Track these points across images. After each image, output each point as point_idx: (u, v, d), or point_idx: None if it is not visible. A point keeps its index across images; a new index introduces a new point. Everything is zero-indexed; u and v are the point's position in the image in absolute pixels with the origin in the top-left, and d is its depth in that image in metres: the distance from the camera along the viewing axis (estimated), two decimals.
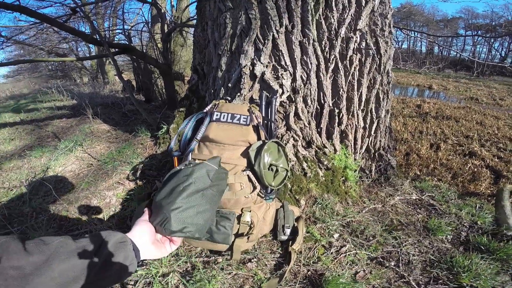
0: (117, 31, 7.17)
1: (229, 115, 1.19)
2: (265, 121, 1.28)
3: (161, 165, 1.89)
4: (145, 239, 0.68)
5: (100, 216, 1.53)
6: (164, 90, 3.92)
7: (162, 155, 1.99)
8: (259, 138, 1.22)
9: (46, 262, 0.48)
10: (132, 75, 5.92)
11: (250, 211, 1.14)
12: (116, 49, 2.82)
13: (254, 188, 1.14)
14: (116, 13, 7.33)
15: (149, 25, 4.81)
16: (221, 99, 1.37)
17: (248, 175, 1.12)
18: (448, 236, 1.52)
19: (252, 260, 1.26)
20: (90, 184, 1.76)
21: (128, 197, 1.64)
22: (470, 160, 3.71)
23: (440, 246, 1.42)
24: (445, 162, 3.59)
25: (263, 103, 1.33)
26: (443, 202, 1.92)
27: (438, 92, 9.31)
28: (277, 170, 1.16)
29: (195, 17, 4.41)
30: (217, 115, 1.19)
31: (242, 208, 1.13)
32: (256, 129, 1.22)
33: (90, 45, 9.87)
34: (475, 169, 3.45)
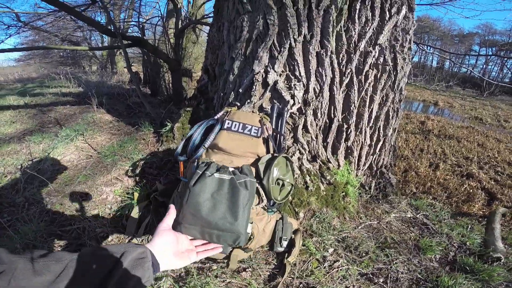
0: (131, 23, 7.16)
1: (241, 125, 1.16)
2: (274, 133, 1.27)
3: (162, 164, 1.86)
4: (168, 251, 0.66)
5: (95, 212, 1.50)
6: (170, 85, 3.92)
7: (163, 153, 1.97)
8: (267, 151, 1.20)
9: (53, 283, 0.47)
10: (140, 67, 5.91)
11: (252, 223, 1.13)
12: (129, 42, 2.82)
13: (261, 201, 1.14)
14: (133, 4, 7.32)
15: (164, 19, 4.79)
16: (231, 105, 1.36)
17: (256, 188, 1.11)
18: (437, 255, 1.55)
19: (247, 270, 1.26)
20: (88, 177, 1.73)
21: (126, 194, 1.62)
22: (467, 181, 3.72)
23: (428, 265, 1.45)
24: (442, 182, 3.60)
25: (274, 114, 1.31)
26: (436, 222, 1.95)
27: (443, 109, 9.28)
28: (283, 184, 1.16)
29: (210, 15, 4.43)
30: (228, 123, 1.17)
31: None
32: (265, 141, 1.20)
33: (104, 36, 9.87)
34: (471, 190, 3.46)
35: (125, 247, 0.58)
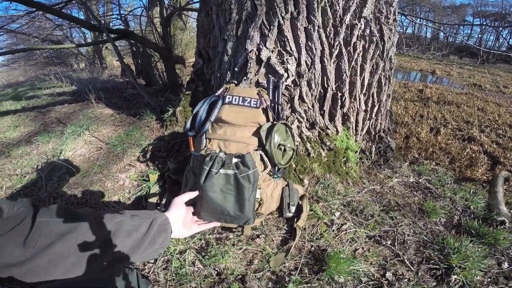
0: (112, 16, 7.01)
1: (240, 98, 1.24)
2: (272, 104, 1.34)
3: (169, 146, 1.93)
4: (179, 221, 0.77)
5: (116, 198, 1.58)
6: (164, 73, 3.92)
7: (169, 137, 2.03)
8: (267, 120, 1.28)
9: (111, 235, 0.59)
10: (130, 59, 5.85)
11: (260, 188, 1.21)
12: (116, 35, 2.81)
13: (265, 167, 1.21)
14: None
15: (147, 9, 4.72)
16: (229, 83, 1.41)
17: (261, 154, 1.19)
18: (442, 219, 1.58)
19: (260, 236, 1.33)
20: (102, 167, 1.80)
21: (141, 178, 1.70)
22: (468, 145, 3.71)
23: (434, 228, 1.49)
24: (444, 147, 3.61)
25: (270, 87, 1.37)
26: (439, 186, 1.97)
27: (441, 77, 9.19)
28: (285, 150, 1.23)
29: (195, 0, 4.34)
30: (229, 98, 1.25)
31: None
32: (265, 111, 1.28)
33: (86, 32, 9.67)
34: (473, 155, 3.45)
35: (154, 214, 0.70)
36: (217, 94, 1.30)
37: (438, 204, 1.69)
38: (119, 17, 5.74)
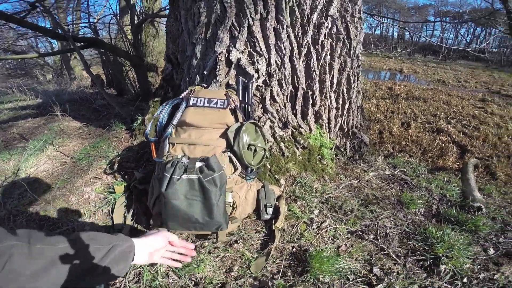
0: (81, 25, 6.75)
1: (206, 99, 1.21)
2: (243, 104, 1.32)
3: (138, 156, 1.86)
4: (146, 250, 0.73)
5: (81, 212, 1.49)
6: (136, 82, 3.81)
7: (139, 146, 1.96)
8: (237, 120, 1.25)
9: (45, 269, 0.51)
10: (101, 69, 5.66)
11: (232, 192, 1.17)
12: (82, 43, 2.69)
13: (236, 168, 1.17)
14: (80, 6, 6.89)
15: (118, 17, 4.61)
16: (197, 86, 1.38)
17: (229, 156, 1.15)
18: (421, 209, 1.62)
19: (238, 241, 1.29)
20: (66, 182, 1.69)
21: (108, 190, 1.61)
22: (438, 136, 3.95)
23: (414, 219, 1.51)
24: (415, 139, 3.82)
25: (240, 87, 1.36)
26: (414, 177, 2.03)
27: (408, 75, 9.73)
28: (255, 150, 1.21)
29: (167, 7, 4.29)
30: (193, 100, 1.21)
31: None
32: (233, 112, 1.25)
33: (53, 41, 9.23)
34: (443, 145, 3.68)
35: (116, 240, 0.64)
36: (181, 96, 1.27)
37: (415, 195, 1.73)
38: (88, 26, 5.55)
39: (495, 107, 5.43)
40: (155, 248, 0.75)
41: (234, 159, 1.16)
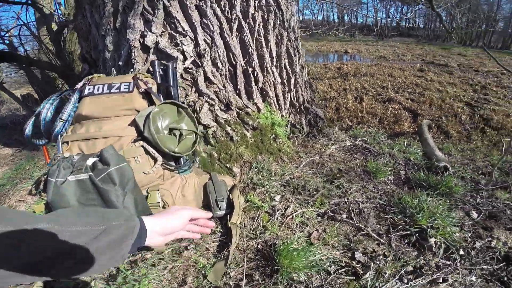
0: None
1: (105, 85, 1.02)
2: (162, 87, 1.14)
3: None
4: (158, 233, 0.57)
5: None
6: None
7: None
8: (152, 104, 1.04)
9: None
10: (31, 88, 4.94)
11: (159, 190, 0.91)
12: None
13: (155, 160, 0.92)
14: None
15: (33, 27, 4.17)
16: (97, 75, 1.16)
17: (143, 146, 0.90)
18: (389, 177, 1.53)
19: (188, 248, 1.06)
20: None
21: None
22: (389, 105, 4.18)
23: (385, 189, 1.41)
24: (370, 110, 3.96)
25: (157, 69, 1.19)
26: (375, 144, 2.00)
27: (353, 55, 10.26)
28: (181, 134, 0.98)
29: None
30: (89, 89, 1.02)
31: (148, 188, 0.90)
32: (146, 95, 1.04)
33: None
34: (396, 112, 3.89)
35: (114, 219, 0.47)
36: (74, 88, 1.05)
37: (381, 162, 1.65)
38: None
39: (432, 75, 5.88)
40: (171, 231, 0.60)
41: (151, 149, 0.93)
